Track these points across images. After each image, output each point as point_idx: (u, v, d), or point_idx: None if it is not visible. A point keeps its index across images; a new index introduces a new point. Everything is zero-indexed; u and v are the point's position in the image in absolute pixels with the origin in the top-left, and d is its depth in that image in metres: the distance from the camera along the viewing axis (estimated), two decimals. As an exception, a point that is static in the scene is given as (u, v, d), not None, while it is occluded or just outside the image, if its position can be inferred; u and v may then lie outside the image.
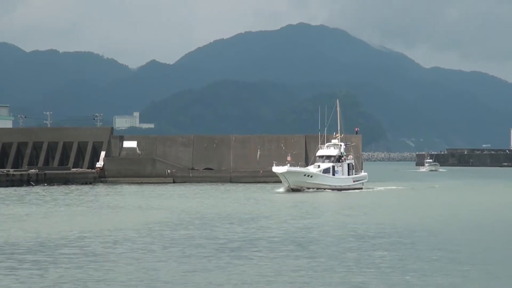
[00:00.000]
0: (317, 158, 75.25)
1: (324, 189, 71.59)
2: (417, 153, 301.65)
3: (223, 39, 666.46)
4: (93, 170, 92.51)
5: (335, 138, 78.98)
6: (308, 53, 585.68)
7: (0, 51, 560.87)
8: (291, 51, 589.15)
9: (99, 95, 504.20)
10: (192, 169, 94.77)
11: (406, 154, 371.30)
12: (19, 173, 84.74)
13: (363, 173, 79.06)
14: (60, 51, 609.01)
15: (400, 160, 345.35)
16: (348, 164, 75.54)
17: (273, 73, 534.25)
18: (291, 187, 70.62)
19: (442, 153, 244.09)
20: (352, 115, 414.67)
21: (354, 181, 75.66)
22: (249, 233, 36.22)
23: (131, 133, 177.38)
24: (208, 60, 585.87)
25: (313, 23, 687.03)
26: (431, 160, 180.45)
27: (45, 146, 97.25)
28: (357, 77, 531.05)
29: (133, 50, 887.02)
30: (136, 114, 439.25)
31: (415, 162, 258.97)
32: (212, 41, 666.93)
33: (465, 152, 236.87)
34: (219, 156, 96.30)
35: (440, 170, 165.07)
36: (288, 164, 71.64)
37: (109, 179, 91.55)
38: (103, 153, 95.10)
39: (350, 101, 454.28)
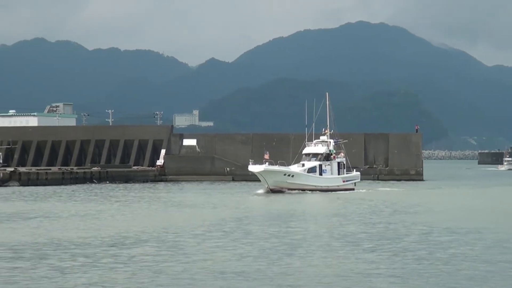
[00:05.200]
0: (303, 156, 68.91)
1: (309, 190, 65.30)
2: (480, 151, 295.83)
3: (282, 37, 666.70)
4: (153, 168, 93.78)
5: (323, 134, 71.68)
6: (367, 51, 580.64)
7: (63, 50, 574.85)
8: (350, 49, 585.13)
9: (159, 93, 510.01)
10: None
11: (467, 152, 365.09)
12: (82, 171, 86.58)
13: (354, 173, 71.37)
14: (121, 49, 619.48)
15: (461, 158, 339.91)
16: (338, 163, 68.73)
17: (331, 71, 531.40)
18: (270, 188, 64.46)
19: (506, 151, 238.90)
20: (413, 113, 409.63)
21: (344, 181, 68.72)
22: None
23: (190, 131, 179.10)
24: (267, 58, 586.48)
25: (373, 21, 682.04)
26: (510, 159, 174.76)
27: (107, 144, 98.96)
28: (417, 75, 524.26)
29: (193, 48, 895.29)
30: (196, 112, 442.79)
31: (477, 161, 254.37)
32: (271, 39, 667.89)
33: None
34: (278, 154, 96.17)
35: None
36: (266, 163, 65.41)
37: (169, 177, 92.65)
38: (163, 151, 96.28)
39: (410, 100, 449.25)
